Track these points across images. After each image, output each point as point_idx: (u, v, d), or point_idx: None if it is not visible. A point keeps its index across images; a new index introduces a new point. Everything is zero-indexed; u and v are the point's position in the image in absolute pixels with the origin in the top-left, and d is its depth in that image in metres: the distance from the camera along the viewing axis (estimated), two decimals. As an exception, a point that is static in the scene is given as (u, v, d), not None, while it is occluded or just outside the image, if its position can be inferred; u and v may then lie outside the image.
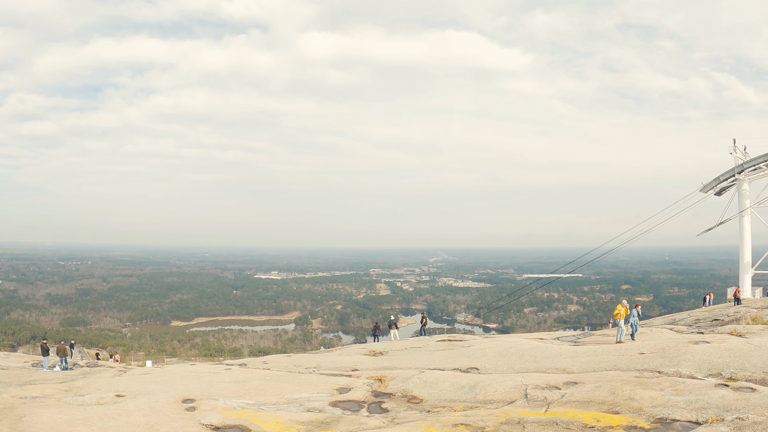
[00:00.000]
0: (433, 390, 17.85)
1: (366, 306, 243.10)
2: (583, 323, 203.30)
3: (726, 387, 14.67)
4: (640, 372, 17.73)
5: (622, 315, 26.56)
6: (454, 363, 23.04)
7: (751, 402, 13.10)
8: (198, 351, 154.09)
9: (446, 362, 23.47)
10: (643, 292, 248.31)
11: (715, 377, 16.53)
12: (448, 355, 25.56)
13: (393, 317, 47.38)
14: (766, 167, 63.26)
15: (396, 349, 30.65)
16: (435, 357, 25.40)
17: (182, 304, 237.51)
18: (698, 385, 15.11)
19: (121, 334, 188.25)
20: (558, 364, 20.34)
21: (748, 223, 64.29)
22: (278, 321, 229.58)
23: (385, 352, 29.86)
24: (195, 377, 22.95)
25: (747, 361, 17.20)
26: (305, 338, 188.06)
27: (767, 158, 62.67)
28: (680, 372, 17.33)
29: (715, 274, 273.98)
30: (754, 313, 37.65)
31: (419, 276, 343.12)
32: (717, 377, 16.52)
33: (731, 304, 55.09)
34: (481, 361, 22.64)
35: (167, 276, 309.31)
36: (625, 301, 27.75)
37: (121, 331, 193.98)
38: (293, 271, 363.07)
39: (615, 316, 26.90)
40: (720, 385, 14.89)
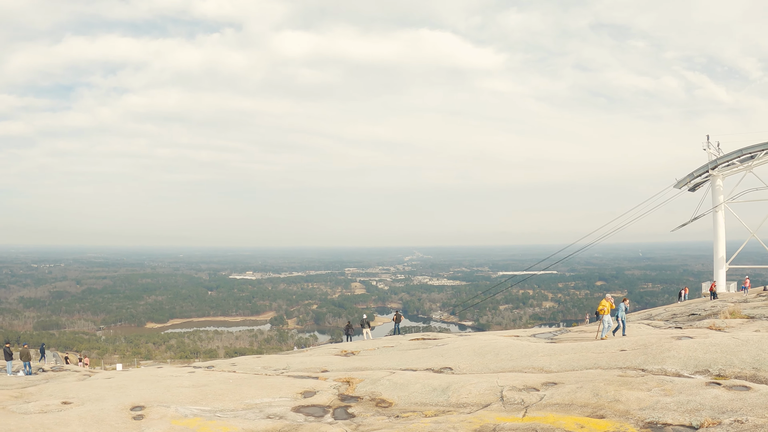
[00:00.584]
0: (404, 393, 16.69)
1: (341, 305, 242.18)
2: (558, 320, 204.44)
3: (718, 386, 13.59)
4: (623, 370, 16.60)
5: (606, 310, 25.54)
6: (426, 363, 21.95)
7: (748, 402, 12.03)
8: (173, 353, 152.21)
9: (419, 362, 22.37)
10: (618, 288, 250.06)
11: (703, 374, 15.48)
12: (421, 354, 24.48)
13: (365, 316, 46.20)
14: (739, 163, 63.52)
15: (368, 348, 29.62)
16: (407, 357, 24.31)
17: (157, 306, 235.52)
18: (688, 384, 13.99)
19: (95, 337, 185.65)
20: (535, 362, 19.21)
21: (722, 219, 64.73)
22: (254, 321, 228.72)
23: (357, 352, 28.80)
24: (154, 381, 21.61)
25: (735, 356, 16.16)
26: (281, 338, 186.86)
27: (741, 154, 62.96)
28: (665, 369, 16.22)
29: (688, 269, 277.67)
30: (731, 307, 37.11)
31: (394, 275, 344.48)
32: (705, 374, 15.47)
33: (707, 298, 54.93)
34: (454, 360, 21.55)
35: (141, 277, 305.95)
36: (609, 296, 26.61)
37: (95, 334, 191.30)
38: (268, 271, 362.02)
39: (599, 311, 25.78)
40: (711, 384, 13.81)
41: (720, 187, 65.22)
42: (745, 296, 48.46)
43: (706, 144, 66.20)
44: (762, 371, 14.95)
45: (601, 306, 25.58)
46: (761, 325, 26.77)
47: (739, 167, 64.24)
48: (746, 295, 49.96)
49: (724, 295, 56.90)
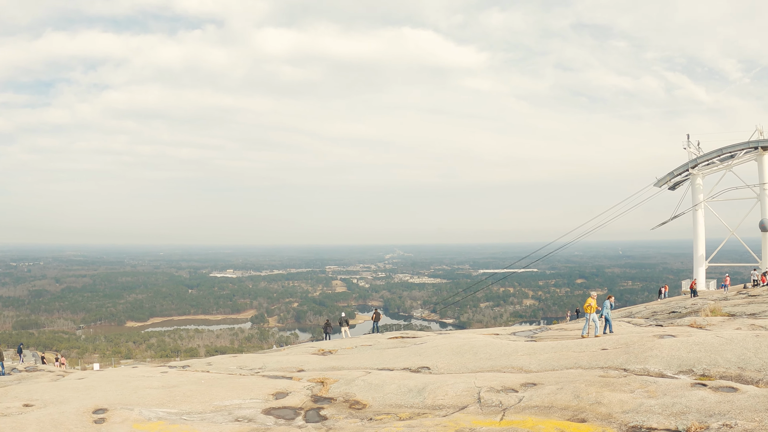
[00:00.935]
0: (378, 394, 16.07)
1: (322, 303, 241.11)
2: (539, 317, 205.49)
3: (704, 387, 13.05)
4: (605, 370, 16.08)
5: (593, 308, 24.95)
6: (404, 362, 21.35)
7: (736, 405, 11.50)
8: (153, 352, 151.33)
9: (396, 361, 21.78)
10: (598, 286, 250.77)
11: (687, 374, 15.00)
12: (398, 353, 23.89)
13: (344, 314, 45.56)
14: (719, 162, 63.93)
15: (346, 347, 29.01)
16: (385, 356, 23.72)
17: (137, 305, 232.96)
18: (672, 385, 13.44)
19: (75, 336, 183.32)
20: (514, 362, 18.65)
21: (701, 217, 65.25)
22: (234, 320, 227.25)
23: (334, 350, 28.17)
24: (124, 382, 20.75)
25: (719, 356, 15.70)
26: (262, 337, 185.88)
27: (721, 153, 63.34)
28: (648, 369, 15.71)
29: (667, 267, 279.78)
30: (712, 304, 37.08)
31: (375, 272, 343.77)
32: (689, 374, 14.99)
33: (687, 296, 54.98)
34: (432, 359, 20.97)
35: (121, 276, 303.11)
36: (594, 293, 26.05)
37: (75, 333, 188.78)
38: (249, 269, 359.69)
39: (585, 309, 25.17)
40: (697, 385, 13.27)
41: (700, 185, 65.53)
42: (726, 294, 48.44)
43: (687, 143, 66.44)
44: (747, 371, 14.50)
45: (587, 304, 25.06)
46: (742, 322, 26.50)
47: (719, 166, 64.57)
48: (726, 293, 49.96)
49: (704, 292, 56.93)
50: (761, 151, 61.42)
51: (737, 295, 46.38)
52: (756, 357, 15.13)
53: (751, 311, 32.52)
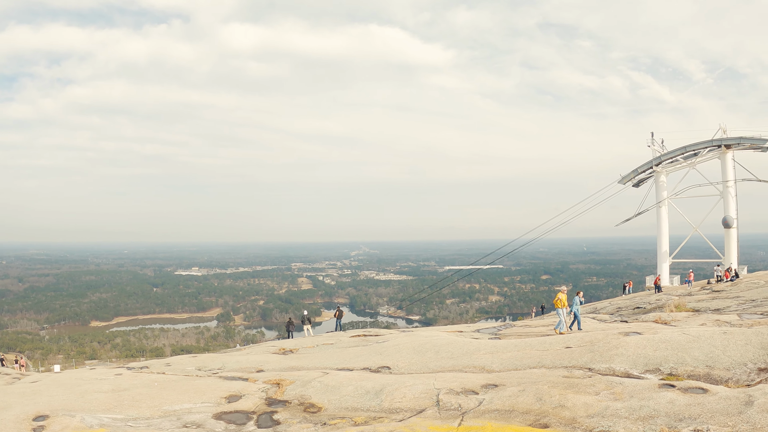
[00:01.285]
0: (334, 396, 15.30)
1: (288, 301, 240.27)
2: (504, 313, 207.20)
3: (672, 388, 12.44)
4: (569, 370, 15.45)
5: (563, 303, 24.58)
6: (364, 361, 20.64)
7: (707, 408, 10.90)
8: (119, 352, 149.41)
9: (356, 361, 21.06)
10: (563, 282, 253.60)
11: (654, 374, 14.41)
12: (360, 352, 23.18)
13: (306, 312, 44.68)
14: (683, 160, 64.73)
15: (307, 346, 28.24)
16: (346, 355, 23.00)
17: (101, 304, 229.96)
18: (639, 386, 12.81)
19: (38, 336, 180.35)
20: (476, 361, 17.97)
21: (665, 214, 66.20)
22: (200, 318, 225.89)
23: (295, 349, 27.37)
24: (74, 386, 19.72)
25: (687, 354, 15.17)
26: (228, 335, 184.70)
27: (684, 151, 64.18)
28: (614, 369, 15.11)
29: (632, 263, 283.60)
30: (676, 300, 37.18)
31: (341, 269, 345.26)
32: (656, 373, 14.40)
33: (651, 292, 55.27)
34: (393, 359, 20.28)
35: (85, 274, 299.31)
36: (564, 288, 25.75)
37: (38, 334, 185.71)
38: (214, 266, 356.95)
39: (555, 304, 24.78)
40: (665, 386, 12.66)
41: (664, 183, 66.32)
42: (690, 290, 48.75)
43: (651, 141, 67.22)
44: (716, 370, 13.99)
45: (557, 299, 24.68)
46: (707, 318, 26.42)
47: (682, 164, 65.37)
48: (690, 288, 50.25)
49: (668, 288, 57.33)
50: (724, 150, 62.42)
51: (701, 290, 46.68)
52: (724, 355, 14.64)
53: (716, 306, 32.65)
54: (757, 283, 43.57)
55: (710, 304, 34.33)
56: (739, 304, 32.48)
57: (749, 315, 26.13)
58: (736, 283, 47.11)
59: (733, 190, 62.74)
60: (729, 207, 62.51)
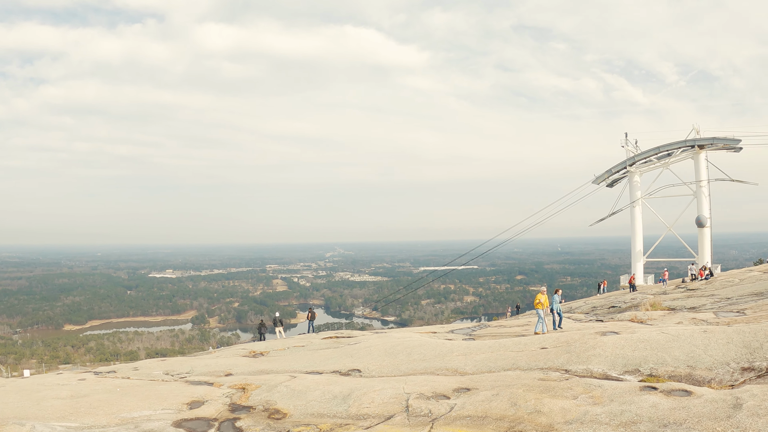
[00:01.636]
0: (301, 401, 14.52)
1: (263, 302, 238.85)
2: (480, 313, 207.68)
3: (654, 390, 11.69)
4: (545, 372, 14.75)
5: (543, 304, 24.09)
6: (335, 364, 19.90)
7: (692, 412, 10.15)
8: (93, 356, 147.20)
9: (327, 363, 20.32)
10: (537, 282, 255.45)
11: (633, 375, 13.77)
12: (330, 354, 22.44)
13: (278, 314, 43.78)
14: (657, 160, 65.03)
15: (278, 349, 27.53)
16: (316, 357, 22.26)
17: (75, 307, 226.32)
18: (619, 388, 12.07)
19: (11, 341, 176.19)
20: (449, 363, 17.28)
21: (639, 214, 66.64)
22: (175, 321, 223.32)
23: (266, 352, 26.66)
24: (32, 392, 18.77)
25: (667, 354, 14.56)
26: (203, 338, 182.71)
27: (658, 151, 64.51)
28: (592, 370, 14.47)
29: (606, 263, 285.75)
30: (651, 299, 37.06)
31: (316, 271, 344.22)
32: (635, 374, 13.76)
33: (626, 290, 55.19)
34: (364, 361, 19.55)
35: (58, 277, 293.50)
36: (544, 288, 25.22)
37: (11, 338, 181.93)
38: (189, 269, 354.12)
39: (536, 306, 24.27)
40: (646, 388, 11.92)
41: (638, 183, 66.67)
42: (665, 288, 48.92)
43: (625, 141, 67.48)
44: (698, 370, 13.38)
45: (537, 300, 24.19)
46: (683, 316, 26.26)
47: (656, 164, 65.69)
48: (665, 287, 50.41)
49: (643, 287, 57.38)
50: (698, 150, 62.81)
51: (676, 289, 46.80)
52: (705, 354, 14.06)
53: (691, 305, 32.53)
54: (731, 281, 43.65)
55: (685, 302, 34.21)
56: (715, 303, 32.35)
57: (725, 313, 25.98)
58: (710, 281, 47.22)
59: (706, 189, 63.13)
60: (702, 207, 62.87)
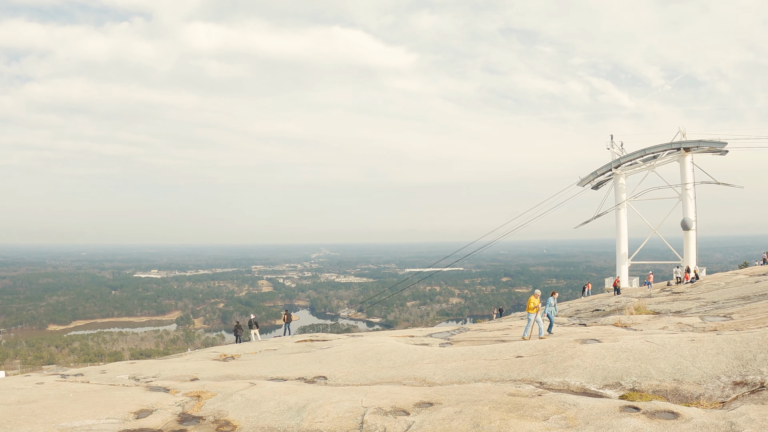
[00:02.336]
0: (253, 413, 13.32)
1: (248, 303, 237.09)
2: (465, 315, 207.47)
3: (636, 411, 10.33)
4: (517, 384, 13.53)
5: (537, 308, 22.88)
6: (301, 370, 18.76)
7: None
8: (77, 356, 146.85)
9: (294, 369, 19.17)
10: (523, 284, 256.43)
11: (614, 388, 12.58)
12: (300, 359, 21.30)
13: (253, 316, 42.72)
14: (642, 162, 65.01)
15: (249, 352, 26.42)
16: (285, 362, 21.13)
17: (59, 307, 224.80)
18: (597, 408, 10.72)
19: None
20: (418, 371, 16.15)
21: (624, 216, 66.61)
22: (159, 321, 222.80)
23: (237, 355, 25.52)
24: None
25: (651, 365, 13.37)
26: (187, 338, 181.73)
27: (644, 154, 64.39)
28: (569, 383, 13.24)
29: (591, 265, 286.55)
30: (636, 302, 36.15)
31: (301, 272, 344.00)
32: (616, 388, 12.57)
33: (611, 293, 54.50)
34: (332, 367, 18.40)
35: (42, 277, 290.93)
36: (538, 291, 23.93)
37: None
38: (174, 269, 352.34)
39: (529, 310, 23.04)
40: (627, 408, 10.56)
41: (623, 185, 66.52)
42: (649, 291, 48.27)
43: (610, 143, 67.38)
44: (685, 384, 12.20)
45: (530, 304, 22.99)
46: (668, 321, 25.36)
47: (642, 167, 65.67)
48: (650, 290, 49.74)
49: (628, 290, 56.73)
50: (683, 153, 62.60)
51: (661, 292, 45.90)
52: (693, 366, 12.89)
53: (677, 309, 31.62)
54: (717, 284, 42.98)
55: (671, 306, 33.32)
56: (700, 306, 31.50)
57: (711, 317, 25.03)
58: (696, 284, 46.57)
59: (692, 192, 62.90)
60: (688, 209, 62.62)
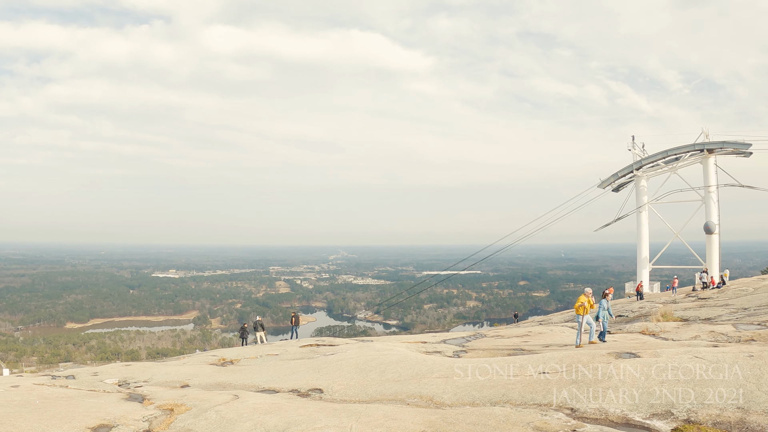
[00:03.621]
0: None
1: (266, 304, 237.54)
2: (482, 319, 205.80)
3: None
4: (543, 410, 11.02)
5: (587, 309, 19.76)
6: (297, 380, 16.74)
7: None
8: (94, 354, 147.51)
9: (289, 378, 17.18)
10: (540, 288, 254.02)
11: (664, 419, 9.98)
12: (298, 366, 19.29)
13: (259, 318, 40.83)
14: (664, 164, 64.08)
15: (249, 356, 24.54)
16: (283, 369, 19.16)
17: (77, 305, 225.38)
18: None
19: (13, 338, 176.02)
20: (425, 387, 13.90)
21: (645, 219, 64.44)
22: (176, 321, 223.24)
23: (236, 360, 23.66)
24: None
25: (709, 389, 10.74)
26: (204, 338, 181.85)
27: (666, 155, 63.48)
28: (607, 411, 10.63)
29: (609, 270, 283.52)
30: (662, 308, 34.07)
31: (319, 273, 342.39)
32: (667, 419, 9.97)
33: (633, 299, 52.71)
34: (330, 378, 16.33)
35: (61, 275, 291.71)
36: (589, 290, 20.76)
37: (13, 335, 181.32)
38: (192, 269, 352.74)
39: (577, 310, 19.95)
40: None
41: (644, 187, 65.45)
42: (674, 297, 46.42)
43: (631, 144, 66.24)
44: (753, 414, 9.66)
45: (578, 303, 19.89)
46: (699, 329, 23.42)
47: (663, 168, 64.57)
48: (675, 295, 47.91)
49: (651, 295, 55.01)
50: (707, 154, 60.75)
51: (686, 298, 44.17)
52: (759, 390, 10.38)
53: (706, 315, 29.61)
54: (745, 290, 41.12)
55: (698, 312, 31.31)
56: (731, 313, 29.59)
57: (745, 326, 22.99)
58: (723, 290, 44.78)
59: (715, 195, 61.07)
60: (711, 213, 60.87)
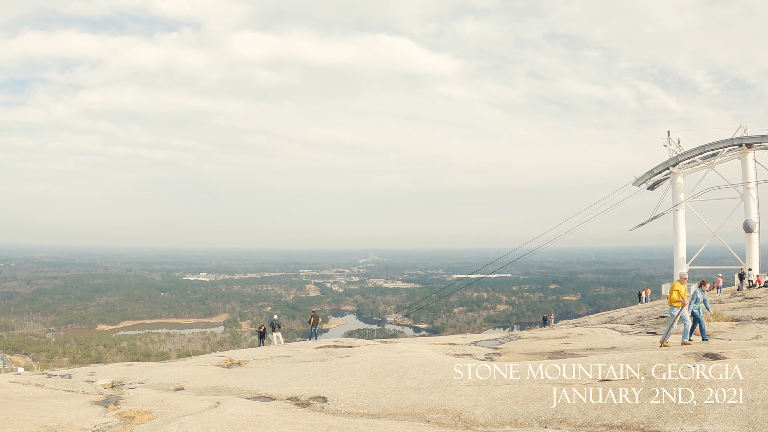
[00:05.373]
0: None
1: (295, 307, 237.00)
2: (512, 322, 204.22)
3: None
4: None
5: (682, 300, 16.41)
6: (301, 385, 14.26)
7: None
8: (124, 355, 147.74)
9: (292, 383, 14.76)
10: (571, 291, 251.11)
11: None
12: (307, 370, 16.83)
13: (276, 317, 38.92)
14: (701, 160, 61.36)
15: (259, 358, 22.19)
16: (288, 372, 16.94)
17: (108, 307, 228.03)
18: None
19: (45, 339, 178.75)
20: (451, 399, 10.87)
21: (682, 218, 62.34)
22: (207, 323, 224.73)
23: (244, 361, 21.33)
24: None
25: None
26: (234, 341, 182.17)
27: (703, 151, 60.84)
28: None
29: (640, 273, 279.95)
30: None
31: (349, 277, 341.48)
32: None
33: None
34: (338, 384, 13.73)
35: (93, 278, 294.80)
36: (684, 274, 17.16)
37: (45, 336, 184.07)
38: (222, 272, 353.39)
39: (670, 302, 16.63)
40: None
41: (681, 185, 63.46)
42: (719, 296, 43.91)
43: (667, 140, 64.35)
44: None
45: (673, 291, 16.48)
46: (757, 328, 22.36)
47: (700, 165, 62.60)
48: (719, 295, 45.36)
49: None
50: (745, 149, 58.59)
51: (732, 297, 42.11)
52: None
53: (759, 315, 27.90)
54: (793, 290, 38.62)
55: (749, 312, 29.44)
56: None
57: (804, 325, 20.77)
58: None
59: (754, 192, 59.11)
60: (750, 210, 58.89)
